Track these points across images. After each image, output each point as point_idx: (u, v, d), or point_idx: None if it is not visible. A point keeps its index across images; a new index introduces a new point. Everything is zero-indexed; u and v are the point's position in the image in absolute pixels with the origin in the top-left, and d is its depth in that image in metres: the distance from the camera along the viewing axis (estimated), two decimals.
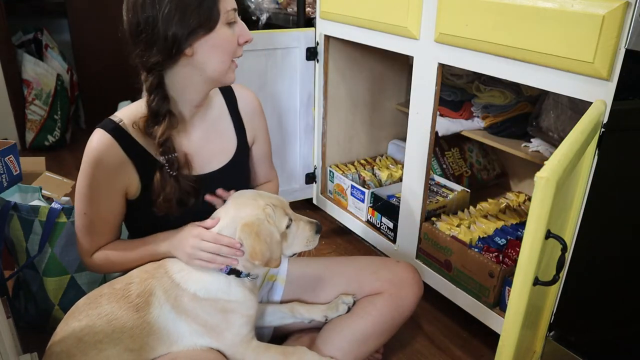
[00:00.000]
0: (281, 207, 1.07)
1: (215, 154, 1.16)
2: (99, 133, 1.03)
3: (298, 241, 1.10)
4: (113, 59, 2.93)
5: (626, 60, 0.92)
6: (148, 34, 0.97)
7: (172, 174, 1.05)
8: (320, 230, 1.14)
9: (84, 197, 1.06)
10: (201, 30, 0.98)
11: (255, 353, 1.07)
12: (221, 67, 1.03)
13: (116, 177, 1.05)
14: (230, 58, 1.04)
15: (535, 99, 1.66)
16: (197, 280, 1.04)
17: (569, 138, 0.82)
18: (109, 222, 1.10)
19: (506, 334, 0.81)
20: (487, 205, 1.70)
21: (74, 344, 0.98)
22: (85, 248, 1.11)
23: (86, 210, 1.07)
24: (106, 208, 1.08)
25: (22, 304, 1.46)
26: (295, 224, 1.09)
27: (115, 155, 1.03)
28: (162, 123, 1.03)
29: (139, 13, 0.96)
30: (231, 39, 1.02)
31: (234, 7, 1.01)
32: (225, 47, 1.01)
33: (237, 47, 1.04)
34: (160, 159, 1.06)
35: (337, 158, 1.98)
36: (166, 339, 1.02)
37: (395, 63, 1.97)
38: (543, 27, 1.03)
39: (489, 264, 1.30)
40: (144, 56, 0.99)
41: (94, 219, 1.08)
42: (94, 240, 1.10)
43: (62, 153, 2.78)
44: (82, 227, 1.09)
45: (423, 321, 1.53)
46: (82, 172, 1.05)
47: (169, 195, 1.05)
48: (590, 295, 1.11)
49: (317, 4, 1.70)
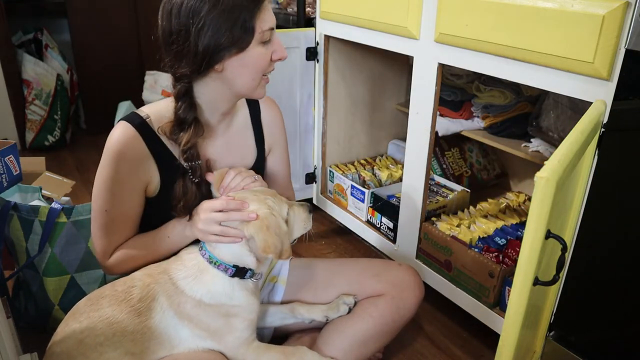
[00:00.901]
0: (277, 196, 1.08)
1: (234, 163, 1.15)
2: (124, 126, 1.02)
3: (297, 225, 1.10)
4: (113, 59, 2.94)
5: (626, 60, 0.92)
6: (179, 45, 0.95)
7: (195, 181, 1.05)
8: (312, 210, 1.14)
9: (106, 192, 1.02)
10: (233, 49, 0.96)
11: (256, 353, 1.07)
12: (251, 84, 1.03)
13: (139, 171, 1.03)
14: (260, 75, 1.03)
15: (535, 99, 1.66)
16: (201, 286, 1.04)
17: (569, 138, 0.82)
18: (130, 220, 1.07)
19: (506, 334, 0.81)
20: (487, 205, 1.70)
21: (75, 346, 0.98)
22: (103, 249, 1.08)
23: (107, 206, 1.03)
24: (129, 204, 1.05)
25: (22, 304, 1.46)
26: (291, 210, 1.09)
27: (139, 150, 1.02)
28: (187, 130, 1.02)
29: (173, 22, 0.95)
30: (264, 57, 1.00)
31: (271, 27, 0.99)
32: (256, 66, 1.00)
33: (269, 64, 1.02)
34: (183, 165, 1.05)
35: (337, 158, 1.98)
36: (167, 343, 1.02)
37: (395, 63, 1.97)
38: (543, 27, 1.03)
39: (489, 264, 1.30)
40: (174, 66, 0.99)
41: (115, 217, 1.05)
42: (112, 240, 1.07)
43: (62, 153, 2.77)
44: (101, 227, 1.05)
45: (423, 321, 1.53)
46: (103, 165, 1.02)
47: (189, 201, 1.05)
48: (590, 295, 1.11)
49: (317, 4, 1.70)
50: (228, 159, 1.14)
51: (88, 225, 1.37)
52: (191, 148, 1.03)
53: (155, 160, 1.04)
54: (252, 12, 0.95)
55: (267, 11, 0.99)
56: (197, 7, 0.93)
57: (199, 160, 1.06)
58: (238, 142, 1.17)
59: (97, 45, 2.87)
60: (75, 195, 2.11)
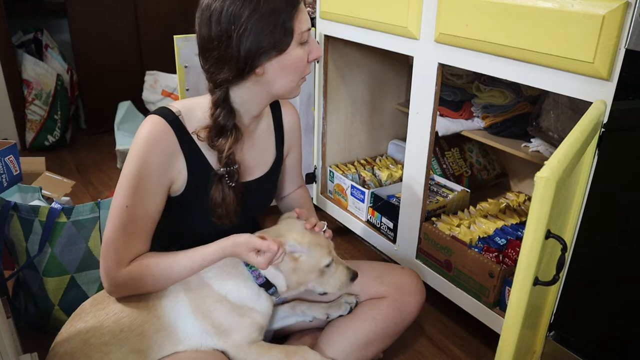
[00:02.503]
0: (326, 246, 1.10)
1: (258, 164, 1.17)
2: (156, 119, 1.00)
3: (332, 282, 1.13)
4: (113, 59, 2.94)
5: (626, 60, 0.92)
6: (221, 51, 0.96)
7: (231, 185, 1.06)
8: (355, 278, 1.16)
9: (130, 187, 0.97)
10: (274, 52, 0.97)
11: (258, 352, 1.07)
12: (290, 86, 1.03)
13: (168, 167, 1.01)
14: (299, 77, 1.04)
15: (535, 99, 1.66)
16: (231, 284, 1.06)
17: (569, 138, 0.82)
18: (150, 220, 1.02)
19: (506, 334, 0.81)
20: (487, 205, 1.70)
21: (79, 346, 0.98)
22: (118, 256, 0.99)
23: (129, 202, 0.97)
24: (153, 200, 1.00)
25: (22, 304, 1.46)
26: (335, 266, 1.12)
27: (171, 144, 1.00)
28: (229, 137, 1.02)
29: (213, 29, 0.95)
30: (302, 58, 1.01)
31: (308, 27, 1.00)
32: (296, 67, 1.01)
33: (306, 65, 1.03)
34: (219, 170, 1.05)
35: (337, 158, 1.98)
36: (174, 336, 1.02)
37: (395, 63, 1.97)
38: (543, 27, 1.03)
39: (489, 264, 1.30)
40: (214, 72, 0.99)
41: (136, 215, 0.99)
42: (129, 244, 0.99)
43: (62, 153, 2.77)
44: (118, 227, 0.98)
45: (423, 321, 1.53)
46: (131, 158, 0.98)
47: (229, 206, 1.05)
48: (590, 295, 1.11)
49: (317, 4, 1.70)
50: (251, 160, 1.15)
51: (88, 225, 1.37)
52: (231, 154, 1.04)
53: (185, 158, 1.03)
54: (290, 14, 0.96)
55: (303, 12, 1.00)
56: (238, 13, 0.93)
57: (236, 165, 1.07)
58: (262, 143, 1.18)
59: (97, 45, 2.87)
60: (75, 195, 2.11)
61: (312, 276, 1.09)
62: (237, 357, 1.06)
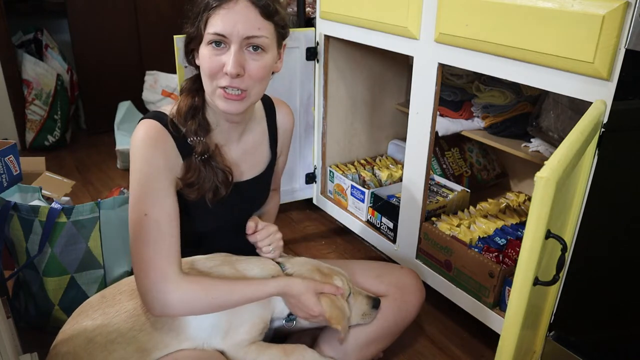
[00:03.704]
0: (346, 278, 1.14)
1: (252, 165, 1.17)
2: (151, 122, 0.99)
3: (354, 313, 1.15)
4: (113, 59, 2.94)
5: (626, 60, 0.91)
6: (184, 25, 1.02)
7: (200, 159, 1.03)
8: (378, 305, 1.18)
9: (144, 191, 0.94)
10: (192, 42, 1.00)
11: (257, 352, 1.07)
12: (207, 87, 1.00)
13: (170, 164, 1.00)
14: (210, 81, 0.97)
15: (535, 99, 1.66)
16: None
17: (569, 138, 0.82)
18: (174, 221, 0.97)
19: (506, 334, 0.81)
20: (487, 205, 1.70)
21: (83, 345, 0.97)
22: (161, 269, 0.92)
23: (147, 209, 0.93)
24: (171, 200, 0.97)
25: (22, 304, 1.46)
26: (354, 297, 1.13)
27: (170, 145, 1.00)
28: (186, 97, 1.04)
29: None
30: (207, 60, 0.95)
31: (217, 32, 0.93)
32: (203, 66, 0.97)
33: (218, 73, 0.95)
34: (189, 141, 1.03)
35: (337, 158, 1.98)
36: (182, 334, 1.02)
37: (395, 63, 1.97)
38: (543, 27, 1.03)
39: (489, 264, 1.30)
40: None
41: (158, 220, 0.94)
42: (164, 254, 0.94)
43: (62, 153, 2.77)
44: (145, 237, 0.93)
45: (423, 321, 1.53)
46: (137, 163, 0.96)
47: (204, 183, 1.03)
48: (590, 295, 1.11)
49: (317, 4, 1.70)
50: (243, 161, 1.15)
51: (88, 225, 1.37)
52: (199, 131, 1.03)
53: (181, 154, 1.02)
54: (210, 11, 0.94)
55: (227, 15, 0.93)
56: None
57: (202, 138, 1.03)
58: (254, 145, 1.17)
59: (97, 45, 2.87)
60: (75, 195, 2.11)
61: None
62: (236, 357, 1.06)
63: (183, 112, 1.02)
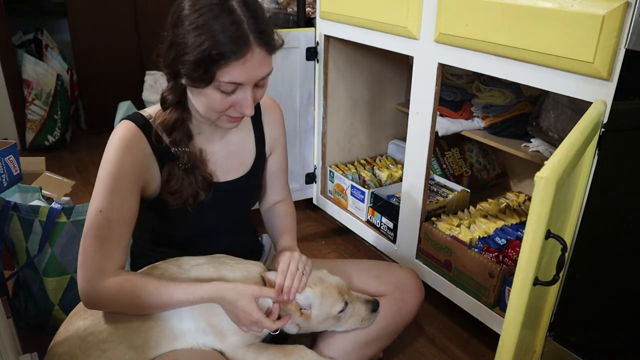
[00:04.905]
0: (338, 292, 1.10)
1: (234, 165, 1.15)
2: (127, 124, 1.00)
3: (352, 320, 1.14)
4: (113, 59, 2.94)
5: (626, 60, 0.92)
6: (170, 36, 0.96)
7: (182, 168, 1.04)
8: (377, 308, 1.17)
9: (105, 189, 0.96)
10: (189, 81, 0.94)
11: (255, 353, 1.07)
12: (207, 116, 0.99)
13: (141, 168, 1.00)
14: (216, 115, 0.97)
15: (535, 99, 1.66)
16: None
17: (569, 138, 0.82)
18: (126, 223, 0.99)
19: (506, 334, 0.81)
20: (487, 205, 1.70)
21: (77, 345, 0.98)
22: (98, 265, 0.95)
23: (103, 205, 0.95)
24: (128, 203, 0.98)
25: (22, 304, 1.46)
26: (352, 305, 1.13)
27: (143, 148, 1.01)
28: (172, 111, 1.02)
29: (169, 20, 0.98)
30: (218, 103, 0.94)
31: (232, 81, 0.90)
32: (209, 105, 0.96)
33: (227, 109, 0.96)
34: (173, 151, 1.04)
35: (337, 158, 1.98)
36: (169, 333, 1.02)
37: (395, 63, 1.97)
38: (543, 27, 1.03)
39: (488, 264, 1.30)
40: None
41: (111, 219, 0.96)
42: (107, 252, 0.96)
43: (62, 153, 2.77)
44: (93, 234, 0.96)
45: (423, 321, 1.53)
46: (106, 161, 0.97)
47: (173, 187, 1.03)
48: (590, 295, 1.11)
49: (317, 4, 1.70)
50: (227, 160, 1.14)
51: None
52: (175, 125, 1.02)
53: (157, 161, 1.04)
54: (220, 62, 0.88)
55: (241, 66, 0.89)
56: (186, 13, 0.96)
57: (186, 148, 1.04)
58: (237, 145, 1.16)
59: (97, 45, 2.87)
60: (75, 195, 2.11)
61: (329, 322, 1.11)
62: (235, 357, 1.06)
63: (169, 126, 1.02)
